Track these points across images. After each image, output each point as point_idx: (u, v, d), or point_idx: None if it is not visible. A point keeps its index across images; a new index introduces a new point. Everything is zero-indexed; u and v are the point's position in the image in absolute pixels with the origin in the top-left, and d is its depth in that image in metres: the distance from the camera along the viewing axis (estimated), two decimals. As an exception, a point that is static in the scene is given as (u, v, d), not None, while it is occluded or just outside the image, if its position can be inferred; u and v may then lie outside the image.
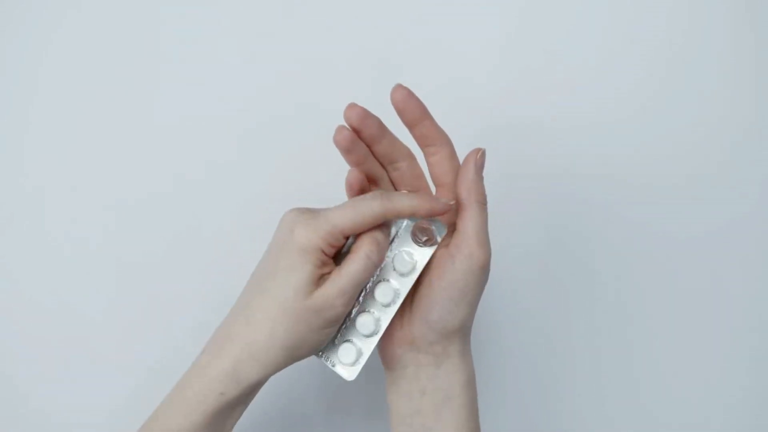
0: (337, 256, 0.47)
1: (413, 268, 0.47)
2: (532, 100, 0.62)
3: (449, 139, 0.48)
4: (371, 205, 0.45)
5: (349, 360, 0.48)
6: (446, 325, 0.46)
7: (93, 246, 0.61)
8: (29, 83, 0.61)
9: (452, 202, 0.47)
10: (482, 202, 0.46)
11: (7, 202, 0.61)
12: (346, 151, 0.46)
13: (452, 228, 0.48)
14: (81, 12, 0.61)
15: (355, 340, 0.48)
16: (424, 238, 0.48)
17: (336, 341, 0.48)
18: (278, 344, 0.44)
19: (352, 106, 0.46)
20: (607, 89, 0.62)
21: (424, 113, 0.47)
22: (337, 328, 0.46)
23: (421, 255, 0.48)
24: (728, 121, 0.63)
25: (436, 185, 0.49)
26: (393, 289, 0.47)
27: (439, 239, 0.47)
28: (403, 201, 0.45)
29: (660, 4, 0.62)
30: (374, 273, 0.46)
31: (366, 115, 0.46)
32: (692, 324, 0.63)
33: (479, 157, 0.47)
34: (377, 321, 0.48)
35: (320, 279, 0.45)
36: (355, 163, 0.47)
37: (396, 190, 0.49)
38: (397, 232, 0.48)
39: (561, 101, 0.62)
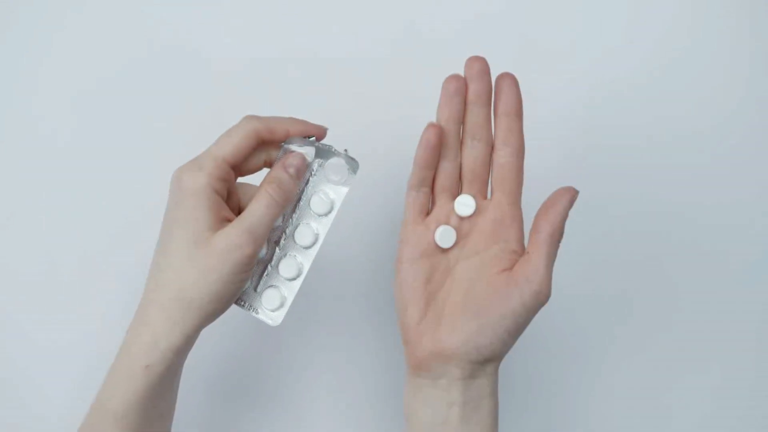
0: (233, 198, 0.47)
1: (331, 208, 0.47)
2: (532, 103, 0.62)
3: (524, 149, 0.47)
4: (243, 126, 0.45)
5: (273, 305, 0.47)
6: (495, 351, 0.45)
7: (94, 247, 0.60)
8: (30, 83, 0.61)
9: (326, 127, 0.47)
10: (560, 241, 0.46)
11: (6, 202, 0.60)
12: (433, 146, 0.46)
13: (519, 251, 0.47)
14: (82, 14, 0.61)
15: (278, 285, 0.47)
16: (335, 178, 0.47)
17: (258, 289, 0.47)
18: (188, 299, 0.43)
19: (476, 59, 0.46)
20: (605, 89, 0.63)
21: (521, 109, 0.47)
22: (249, 275, 0.45)
23: (337, 194, 0.47)
24: (728, 125, 0.63)
25: (495, 187, 0.48)
26: (312, 230, 0.47)
27: (350, 177, 0.47)
28: (275, 118, 0.46)
29: (659, 8, 0.62)
30: (280, 212, 0.46)
31: (487, 70, 0.46)
32: (699, 325, 0.63)
33: (574, 196, 0.46)
34: (300, 264, 0.47)
35: (221, 223, 0.44)
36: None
37: (460, 179, 0.48)
38: (312, 172, 0.47)
39: (558, 102, 0.62)
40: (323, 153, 0.47)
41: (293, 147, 0.47)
